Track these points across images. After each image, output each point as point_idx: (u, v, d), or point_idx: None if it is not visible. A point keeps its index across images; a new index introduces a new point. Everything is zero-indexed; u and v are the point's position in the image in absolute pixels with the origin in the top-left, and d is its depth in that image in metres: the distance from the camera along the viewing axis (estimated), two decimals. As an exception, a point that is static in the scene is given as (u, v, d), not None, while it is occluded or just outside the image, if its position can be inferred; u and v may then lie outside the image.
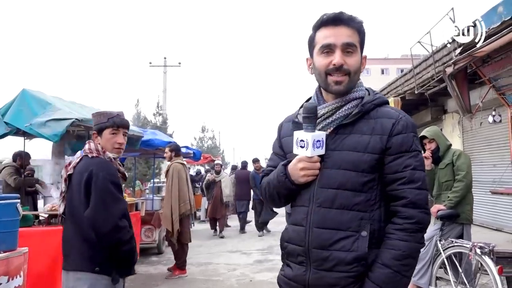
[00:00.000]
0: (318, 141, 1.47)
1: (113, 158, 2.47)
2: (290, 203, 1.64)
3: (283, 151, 1.70)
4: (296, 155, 1.52)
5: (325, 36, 1.53)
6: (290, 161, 1.55)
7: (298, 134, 1.50)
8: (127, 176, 2.79)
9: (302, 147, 1.48)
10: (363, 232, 1.45)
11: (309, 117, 1.49)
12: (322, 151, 1.48)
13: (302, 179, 1.51)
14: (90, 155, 2.42)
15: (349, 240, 1.44)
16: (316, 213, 1.49)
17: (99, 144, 2.46)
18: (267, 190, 1.68)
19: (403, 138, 1.49)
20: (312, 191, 1.52)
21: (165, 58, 25.54)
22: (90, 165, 2.36)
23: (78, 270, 2.33)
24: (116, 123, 2.47)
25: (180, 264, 6.15)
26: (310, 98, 1.72)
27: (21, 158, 6.66)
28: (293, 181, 1.53)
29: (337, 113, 1.54)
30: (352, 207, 1.46)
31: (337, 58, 1.49)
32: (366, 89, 1.62)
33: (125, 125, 2.54)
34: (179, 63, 25.83)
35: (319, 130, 1.51)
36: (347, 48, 1.51)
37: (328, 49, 1.52)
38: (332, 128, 1.53)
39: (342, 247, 1.44)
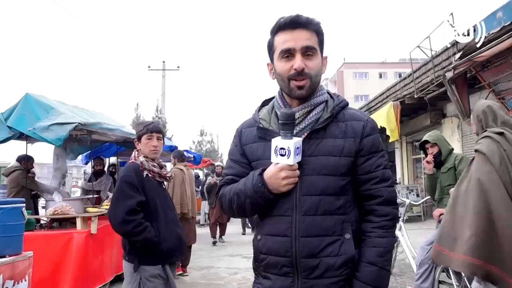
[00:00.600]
0: (298, 148, 1.44)
1: (146, 160, 2.86)
2: (260, 213, 1.59)
3: (246, 158, 1.63)
4: (270, 163, 1.48)
5: (284, 40, 1.50)
6: (264, 169, 1.50)
7: (277, 142, 1.44)
8: (165, 175, 3.01)
9: (282, 155, 1.42)
10: (346, 235, 1.47)
11: (288, 123, 1.44)
12: (299, 158, 1.46)
13: (284, 188, 1.46)
14: (129, 162, 2.95)
15: (336, 244, 1.46)
16: (301, 222, 1.46)
17: (140, 149, 2.91)
18: (234, 200, 1.57)
19: (373, 139, 1.54)
20: (293, 199, 1.48)
21: (163, 62, 25.50)
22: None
23: (123, 258, 2.86)
24: (149, 129, 2.88)
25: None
26: (266, 102, 1.71)
27: (26, 162, 6.66)
28: (271, 190, 1.47)
29: (308, 118, 1.53)
30: (335, 211, 1.48)
31: (297, 62, 1.47)
32: (327, 92, 1.63)
33: (157, 130, 2.92)
34: (178, 67, 25.69)
35: (294, 136, 1.47)
36: (307, 51, 1.49)
37: (288, 53, 1.50)
38: (306, 134, 1.51)
39: (331, 253, 1.45)
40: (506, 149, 2.55)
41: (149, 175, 2.85)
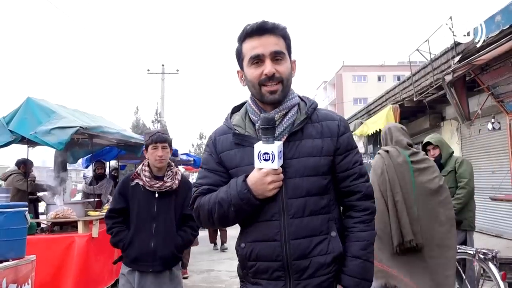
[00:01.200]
0: (280, 151, 1.45)
1: (142, 169, 3.01)
2: (243, 220, 1.56)
3: (222, 167, 1.60)
4: (250, 169, 1.48)
5: (253, 47, 1.52)
6: (247, 175, 1.49)
7: (260, 147, 1.44)
8: (152, 185, 2.99)
9: (266, 160, 1.43)
10: (332, 233, 1.51)
11: (269, 128, 1.45)
12: (282, 161, 1.47)
13: (270, 193, 1.46)
14: None
15: (324, 243, 1.50)
16: (290, 225, 1.48)
17: (148, 159, 3.02)
18: (215, 210, 1.52)
19: (347, 137, 1.60)
20: (280, 203, 1.49)
21: (163, 65, 25.46)
22: None
23: None
24: (153, 139, 2.97)
25: None
26: (236, 108, 1.71)
27: (25, 166, 6.69)
28: (256, 196, 1.46)
29: (284, 121, 1.55)
30: (320, 211, 1.51)
31: (268, 67, 1.49)
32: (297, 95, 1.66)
33: (161, 140, 2.99)
34: (177, 70, 25.72)
35: (274, 140, 1.47)
36: (276, 56, 1.51)
37: (257, 59, 1.51)
38: (285, 137, 1.53)
39: (320, 252, 1.48)
40: (387, 164, 3.17)
41: (140, 183, 2.98)
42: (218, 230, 9.11)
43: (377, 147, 14.63)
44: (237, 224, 1.63)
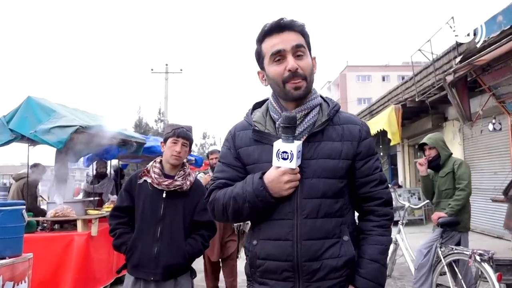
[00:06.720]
0: (299, 151, 1.42)
1: (154, 166, 2.76)
2: (256, 217, 1.54)
3: (239, 162, 1.59)
4: (268, 166, 1.46)
5: (273, 44, 1.49)
6: (264, 173, 1.47)
7: (279, 146, 1.42)
8: (160, 183, 2.70)
9: (284, 159, 1.40)
10: (344, 237, 1.48)
11: (289, 127, 1.42)
12: (300, 161, 1.44)
13: (286, 192, 1.44)
14: None
15: (336, 246, 1.46)
16: (303, 225, 1.44)
17: (164, 153, 2.78)
18: (230, 205, 1.51)
19: (369, 143, 1.57)
20: (294, 202, 1.46)
21: (166, 64, 25.45)
22: None
23: None
24: (176, 133, 2.74)
25: None
26: (257, 105, 1.69)
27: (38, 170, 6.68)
28: (272, 194, 1.44)
29: (305, 121, 1.52)
30: (334, 213, 1.48)
31: (290, 63, 1.45)
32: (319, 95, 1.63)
33: (184, 136, 2.76)
34: (181, 70, 25.74)
35: (294, 139, 1.44)
36: (298, 51, 1.48)
37: (279, 56, 1.48)
38: (305, 137, 1.50)
39: (332, 255, 1.45)
40: None
41: (148, 181, 2.72)
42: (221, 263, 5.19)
43: (379, 147, 14.61)
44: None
